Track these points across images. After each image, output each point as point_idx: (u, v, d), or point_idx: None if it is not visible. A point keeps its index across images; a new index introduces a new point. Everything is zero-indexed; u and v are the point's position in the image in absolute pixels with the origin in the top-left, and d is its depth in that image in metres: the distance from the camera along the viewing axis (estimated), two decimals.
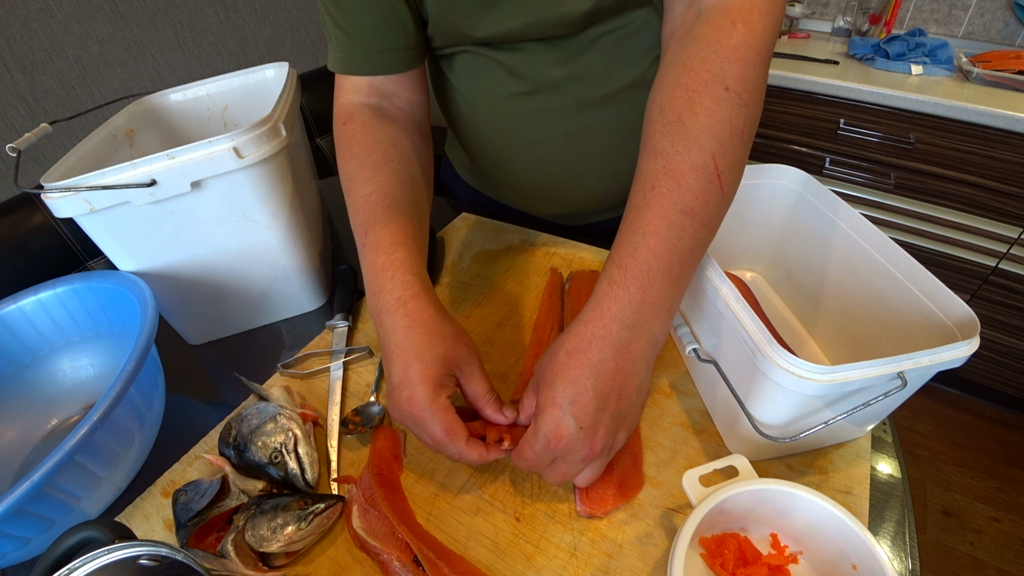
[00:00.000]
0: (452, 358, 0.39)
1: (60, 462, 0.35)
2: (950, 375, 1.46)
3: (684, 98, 0.36)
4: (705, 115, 0.35)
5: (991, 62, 1.24)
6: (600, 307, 0.35)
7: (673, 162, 0.35)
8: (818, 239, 0.51)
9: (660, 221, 0.35)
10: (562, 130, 0.58)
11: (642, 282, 0.34)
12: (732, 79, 0.35)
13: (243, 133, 0.47)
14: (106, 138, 0.58)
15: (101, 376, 0.56)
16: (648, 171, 0.37)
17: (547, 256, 0.67)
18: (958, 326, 0.37)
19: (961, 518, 1.32)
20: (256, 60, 1.50)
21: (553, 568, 0.38)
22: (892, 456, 0.44)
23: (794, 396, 0.36)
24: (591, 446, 0.35)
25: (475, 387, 0.40)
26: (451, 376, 0.39)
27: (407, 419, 0.38)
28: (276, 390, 0.50)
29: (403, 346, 0.39)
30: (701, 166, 0.35)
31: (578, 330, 0.36)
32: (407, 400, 0.37)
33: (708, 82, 0.36)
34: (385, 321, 0.40)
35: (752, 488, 0.35)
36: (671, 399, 0.49)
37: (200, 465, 0.47)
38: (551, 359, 0.37)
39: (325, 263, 0.67)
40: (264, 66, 0.69)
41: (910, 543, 0.39)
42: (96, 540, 0.32)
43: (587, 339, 0.35)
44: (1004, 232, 1.23)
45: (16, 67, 1.07)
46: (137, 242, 0.50)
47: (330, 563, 0.39)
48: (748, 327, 0.37)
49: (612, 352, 0.34)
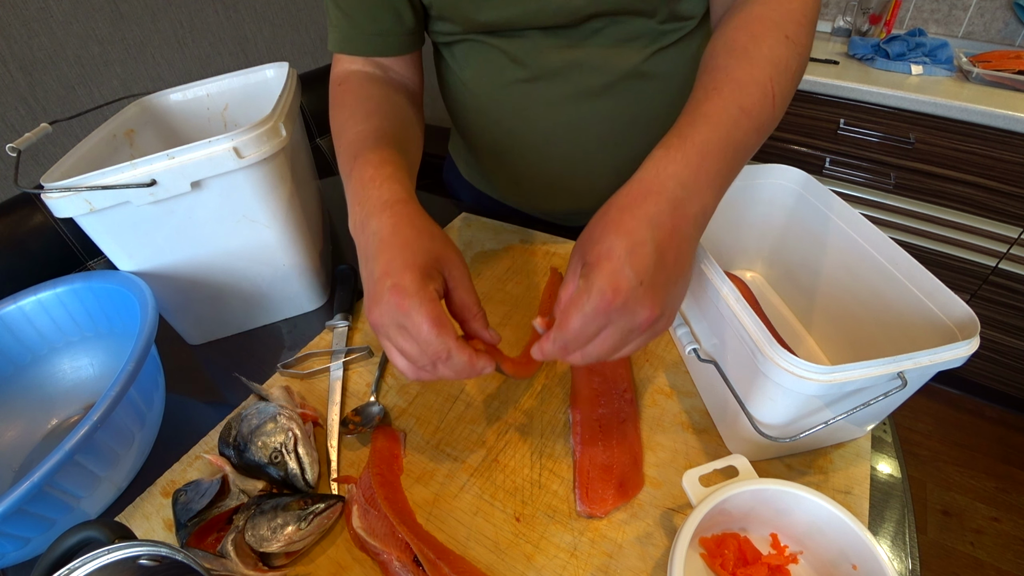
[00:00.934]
0: (441, 257, 0.37)
1: (60, 462, 0.35)
2: (950, 375, 1.46)
3: (748, 37, 0.40)
4: (767, 49, 0.39)
5: (991, 62, 1.24)
6: (656, 167, 0.34)
7: (735, 73, 0.38)
8: (818, 239, 0.51)
9: (720, 111, 0.36)
10: (562, 119, 0.59)
11: (700, 151, 0.34)
12: (791, 31, 0.40)
13: (243, 133, 0.47)
14: (106, 138, 0.58)
15: (101, 376, 0.56)
16: (710, 79, 0.39)
17: (547, 256, 0.67)
18: (958, 326, 0.37)
19: (961, 518, 1.32)
20: (256, 60, 1.50)
21: (553, 568, 0.38)
22: (892, 456, 0.44)
23: (794, 396, 0.36)
24: (652, 306, 0.31)
25: (463, 296, 0.37)
26: (439, 275, 0.36)
27: (388, 314, 0.34)
28: (276, 390, 0.50)
29: (389, 240, 0.36)
30: (760, 82, 0.37)
31: (630, 188, 0.34)
32: (391, 288, 0.33)
33: (770, 29, 0.40)
34: (370, 223, 0.37)
35: (752, 488, 0.35)
36: (671, 399, 0.49)
37: (200, 465, 0.47)
38: (600, 219, 0.33)
39: (325, 263, 0.67)
40: (264, 66, 0.69)
41: (910, 543, 0.39)
42: (96, 540, 0.32)
43: (642, 193, 0.33)
44: (1004, 232, 1.23)
45: (16, 67, 1.07)
46: (137, 242, 0.50)
47: (330, 563, 0.39)
48: (748, 327, 0.37)
49: (668, 207, 0.32)
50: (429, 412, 0.50)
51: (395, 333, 0.35)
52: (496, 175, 0.71)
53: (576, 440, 0.45)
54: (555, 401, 0.50)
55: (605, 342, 0.32)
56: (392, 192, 0.39)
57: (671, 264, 0.32)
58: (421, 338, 0.33)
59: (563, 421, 0.48)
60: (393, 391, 0.52)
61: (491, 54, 0.56)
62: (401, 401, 0.51)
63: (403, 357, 0.36)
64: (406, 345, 0.35)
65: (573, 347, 0.33)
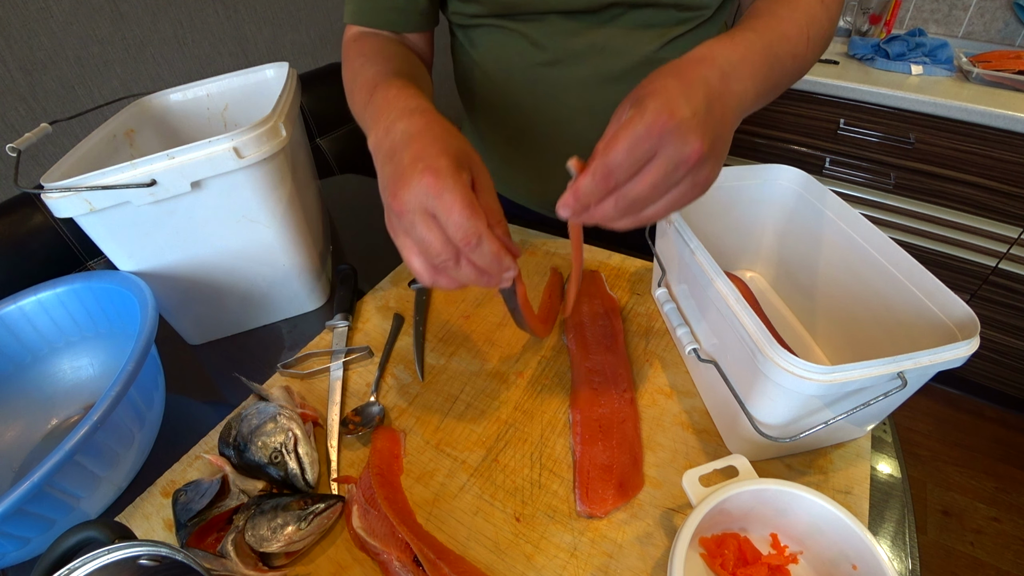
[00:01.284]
0: (470, 156, 0.36)
1: (60, 462, 0.35)
2: (950, 375, 1.46)
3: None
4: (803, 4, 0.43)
5: (991, 62, 1.24)
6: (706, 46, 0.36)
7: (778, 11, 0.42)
8: (818, 239, 0.51)
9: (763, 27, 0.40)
10: (580, 104, 0.59)
11: (745, 46, 0.37)
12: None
13: (243, 133, 0.47)
14: (106, 138, 0.58)
15: (101, 376, 0.56)
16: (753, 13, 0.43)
17: (547, 256, 0.67)
18: (958, 326, 0.37)
19: (961, 518, 1.32)
20: (256, 60, 1.50)
21: (553, 568, 0.38)
22: (892, 456, 0.44)
23: (794, 396, 0.36)
24: (702, 138, 0.30)
25: (489, 200, 0.36)
26: (469, 171, 0.35)
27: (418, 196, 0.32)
28: (276, 390, 0.50)
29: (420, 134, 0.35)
30: (797, 23, 0.42)
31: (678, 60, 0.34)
32: (424, 169, 0.32)
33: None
34: (396, 126, 0.36)
35: (752, 488, 0.35)
36: (671, 399, 0.49)
37: (200, 465, 0.47)
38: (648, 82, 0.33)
39: (325, 263, 0.67)
40: (264, 66, 0.69)
41: (910, 543, 0.39)
42: (96, 540, 0.32)
43: (693, 60, 0.34)
44: (1004, 232, 1.23)
45: (16, 67, 1.07)
46: (137, 242, 0.50)
47: (330, 563, 0.39)
48: (748, 327, 0.37)
49: (718, 74, 0.33)
50: (429, 412, 0.50)
51: (420, 220, 0.32)
52: (509, 166, 0.71)
53: (576, 440, 0.45)
54: (555, 401, 0.50)
55: (649, 176, 0.31)
56: (419, 102, 0.39)
57: (718, 119, 0.32)
58: (452, 220, 0.31)
59: (563, 421, 0.48)
60: (393, 391, 0.52)
61: (510, 38, 0.57)
62: (401, 401, 0.51)
63: (421, 254, 0.34)
64: (430, 235, 0.32)
65: (617, 177, 0.31)
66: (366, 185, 0.91)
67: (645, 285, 0.62)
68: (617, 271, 0.64)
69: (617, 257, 0.66)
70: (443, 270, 0.34)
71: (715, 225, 0.56)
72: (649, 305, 0.59)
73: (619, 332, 0.54)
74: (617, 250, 0.67)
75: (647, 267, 0.64)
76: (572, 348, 0.53)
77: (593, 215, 0.33)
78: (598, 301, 0.57)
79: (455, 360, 0.55)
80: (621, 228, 0.34)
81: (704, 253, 0.43)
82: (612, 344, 0.52)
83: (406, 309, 0.61)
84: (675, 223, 0.47)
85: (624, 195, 0.31)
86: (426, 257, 0.34)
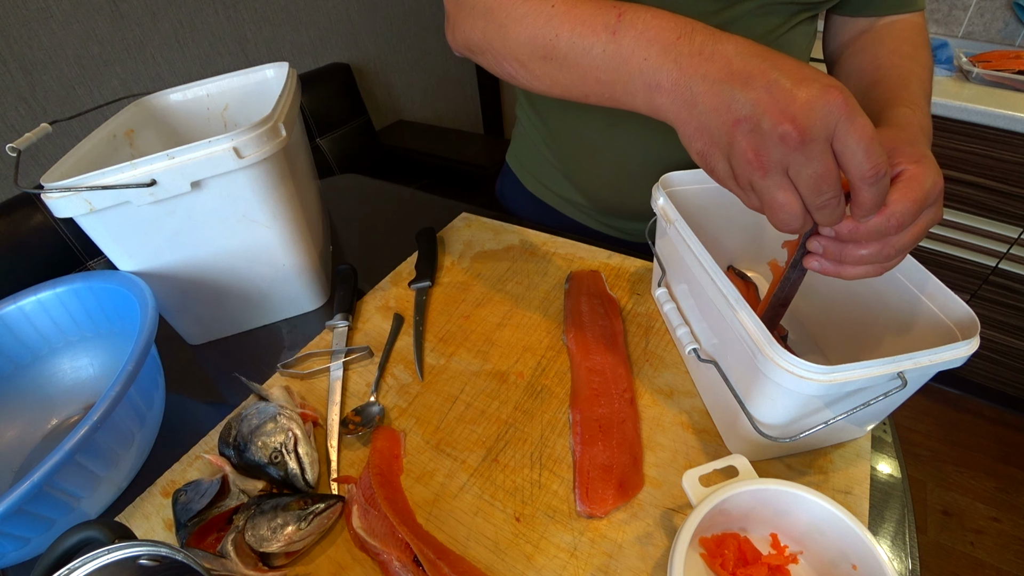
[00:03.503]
0: None
1: (60, 462, 0.35)
2: (950, 375, 1.46)
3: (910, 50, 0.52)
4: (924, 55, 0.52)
5: (991, 62, 1.24)
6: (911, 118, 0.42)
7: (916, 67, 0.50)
8: None
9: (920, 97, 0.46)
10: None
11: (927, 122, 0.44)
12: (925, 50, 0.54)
13: (243, 133, 0.47)
14: (106, 138, 0.58)
15: (101, 376, 0.56)
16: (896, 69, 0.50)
17: (547, 256, 0.67)
18: (958, 326, 0.37)
19: (961, 518, 1.32)
20: (256, 60, 1.50)
21: (553, 568, 0.38)
22: (892, 456, 0.44)
23: (794, 396, 0.36)
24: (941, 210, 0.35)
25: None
26: None
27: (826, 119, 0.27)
28: (276, 390, 0.50)
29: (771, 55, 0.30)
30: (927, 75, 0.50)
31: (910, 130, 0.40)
32: (829, 87, 0.28)
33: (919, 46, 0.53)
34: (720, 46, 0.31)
35: (752, 488, 0.35)
36: (671, 399, 0.49)
37: (200, 465, 0.47)
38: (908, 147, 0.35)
39: (325, 263, 0.67)
40: (264, 66, 0.69)
41: (910, 543, 0.39)
42: (96, 540, 0.32)
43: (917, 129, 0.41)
44: (1004, 232, 1.23)
45: (16, 67, 1.07)
46: (137, 242, 0.50)
47: (330, 563, 0.39)
48: (748, 327, 0.37)
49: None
50: (429, 412, 0.50)
51: (820, 150, 0.28)
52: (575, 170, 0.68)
53: (576, 440, 0.45)
54: (555, 401, 0.50)
55: (917, 229, 0.33)
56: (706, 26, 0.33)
57: None
58: (865, 146, 0.28)
59: (563, 421, 0.48)
60: (393, 391, 0.52)
61: None
62: (401, 401, 0.51)
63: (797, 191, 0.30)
64: (820, 166, 0.28)
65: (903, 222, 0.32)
66: (366, 185, 0.91)
67: (645, 285, 0.62)
68: (617, 271, 0.64)
69: (617, 257, 0.66)
70: (826, 204, 0.30)
71: (715, 225, 0.55)
72: (649, 305, 0.59)
73: (619, 332, 0.54)
74: (617, 250, 0.67)
75: (647, 267, 0.64)
76: (572, 348, 0.53)
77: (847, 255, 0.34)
78: (598, 301, 0.57)
79: (455, 360, 0.55)
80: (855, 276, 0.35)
81: (704, 253, 0.43)
82: (612, 344, 0.53)
83: (406, 309, 0.61)
84: (675, 223, 0.47)
85: (893, 243, 0.33)
86: (814, 192, 0.30)
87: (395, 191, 0.88)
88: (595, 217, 0.73)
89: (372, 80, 1.88)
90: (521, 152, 0.79)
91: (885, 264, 0.34)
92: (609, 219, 0.73)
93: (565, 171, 0.71)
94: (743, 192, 0.33)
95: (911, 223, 0.32)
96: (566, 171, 0.71)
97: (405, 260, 0.69)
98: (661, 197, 0.50)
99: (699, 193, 0.54)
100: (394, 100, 2.00)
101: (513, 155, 0.81)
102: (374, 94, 1.91)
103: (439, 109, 2.23)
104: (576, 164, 0.69)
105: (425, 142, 1.86)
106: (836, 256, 0.34)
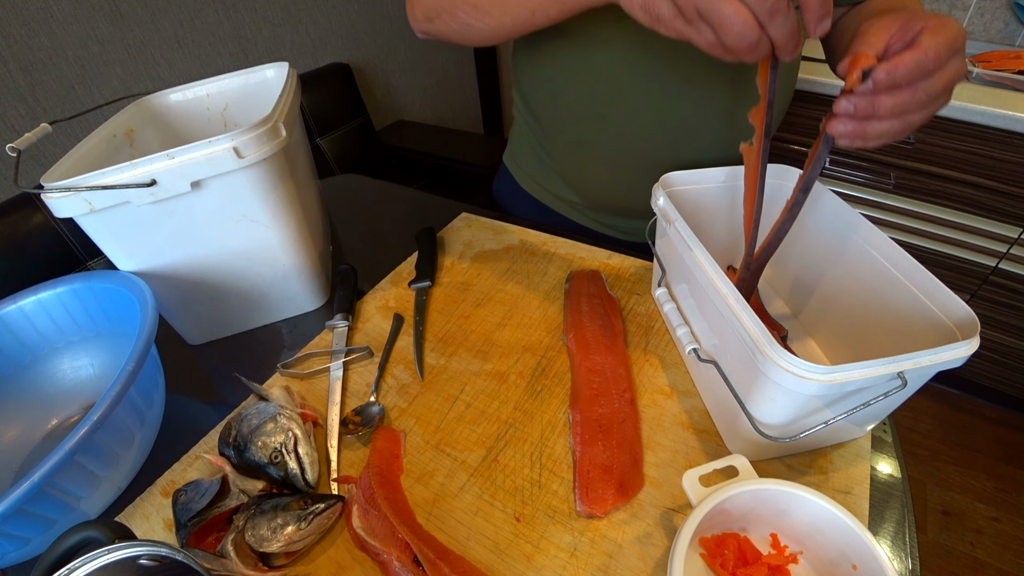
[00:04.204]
0: None
1: (60, 462, 0.35)
2: (950, 375, 1.46)
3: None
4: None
5: (991, 62, 1.24)
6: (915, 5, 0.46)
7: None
8: (818, 239, 0.51)
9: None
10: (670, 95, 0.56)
11: None
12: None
13: (243, 133, 0.47)
14: (106, 138, 0.58)
15: (101, 376, 0.56)
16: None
17: (547, 256, 0.67)
18: (958, 326, 0.37)
19: (961, 518, 1.32)
20: (256, 60, 1.50)
21: (553, 568, 0.38)
22: (892, 456, 0.44)
23: (794, 396, 0.36)
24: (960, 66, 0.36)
25: None
26: None
27: None
28: (276, 390, 0.50)
29: None
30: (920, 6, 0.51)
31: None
32: None
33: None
34: None
35: (752, 488, 0.35)
36: (671, 399, 0.49)
37: (200, 465, 0.47)
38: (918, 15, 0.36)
39: (325, 263, 0.67)
40: (264, 66, 0.69)
41: (910, 543, 0.39)
42: (96, 540, 0.32)
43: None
44: (1004, 232, 1.23)
45: (16, 67, 1.07)
46: (137, 242, 0.50)
47: (330, 563, 0.39)
48: (748, 327, 0.37)
49: None
50: (429, 412, 0.50)
51: None
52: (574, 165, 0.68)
53: (576, 440, 0.45)
54: (555, 401, 0.50)
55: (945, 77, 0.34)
56: None
57: None
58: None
59: (563, 421, 0.48)
60: (393, 391, 0.52)
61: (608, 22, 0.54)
62: (401, 401, 0.51)
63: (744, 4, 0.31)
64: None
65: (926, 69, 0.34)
66: (366, 185, 0.91)
67: (645, 285, 0.62)
68: (617, 271, 0.64)
69: (617, 257, 0.66)
70: (776, 12, 0.31)
71: (715, 225, 0.56)
72: (649, 305, 0.59)
73: (619, 332, 0.54)
74: (617, 250, 0.67)
75: (647, 267, 0.64)
76: (572, 348, 0.53)
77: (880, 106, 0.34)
78: (598, 301, 0.58)
79: (455, 360, 0.55)
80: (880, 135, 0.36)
81: (704, 253, 0.43)
82: (612, 344, 0.53)
83: (406, 309, 0.61)
84: (675, 223, 0.47)
85: (923, 89, 0.34)
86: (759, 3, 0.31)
87: (395, 191, 0.88)
88: (589, 215, 0.74)
89: (372, 80, 1.88)
90: (517, 151, 0.79)
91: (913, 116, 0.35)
92: (603, 216, 0.73)
93: (559, 168, 0.71)
94: (694, 29, 0.34)
95: (946, 61, 0.34)
96: (560, 168, 0.71)
97: (405, 260, 0.69)
98: (661, 197, 0.50)
99: (699, 193, 0.54)
100: (394, 100, 2.00)
101: (509, 155, 0.82)
102: (374, 94, 1.91)
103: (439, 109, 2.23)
104: (568, 159, 0.69)
105: (425, 142, 1.86)
106: (867, 110, 0.35)
